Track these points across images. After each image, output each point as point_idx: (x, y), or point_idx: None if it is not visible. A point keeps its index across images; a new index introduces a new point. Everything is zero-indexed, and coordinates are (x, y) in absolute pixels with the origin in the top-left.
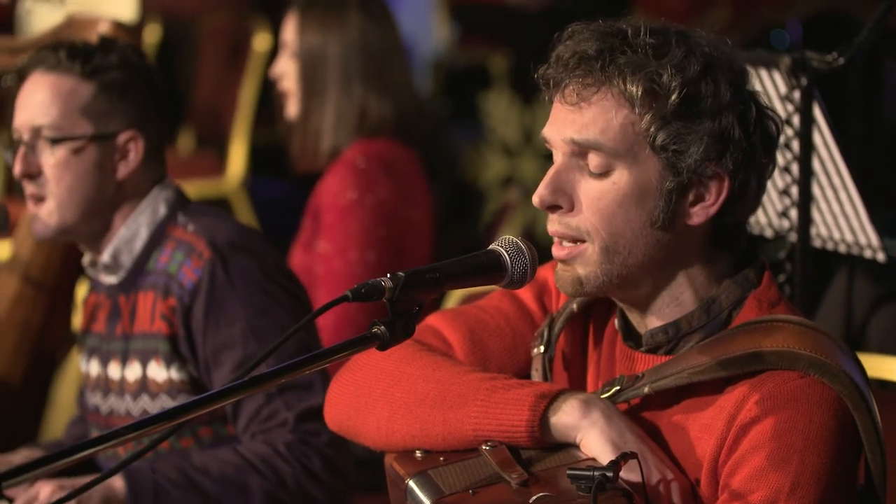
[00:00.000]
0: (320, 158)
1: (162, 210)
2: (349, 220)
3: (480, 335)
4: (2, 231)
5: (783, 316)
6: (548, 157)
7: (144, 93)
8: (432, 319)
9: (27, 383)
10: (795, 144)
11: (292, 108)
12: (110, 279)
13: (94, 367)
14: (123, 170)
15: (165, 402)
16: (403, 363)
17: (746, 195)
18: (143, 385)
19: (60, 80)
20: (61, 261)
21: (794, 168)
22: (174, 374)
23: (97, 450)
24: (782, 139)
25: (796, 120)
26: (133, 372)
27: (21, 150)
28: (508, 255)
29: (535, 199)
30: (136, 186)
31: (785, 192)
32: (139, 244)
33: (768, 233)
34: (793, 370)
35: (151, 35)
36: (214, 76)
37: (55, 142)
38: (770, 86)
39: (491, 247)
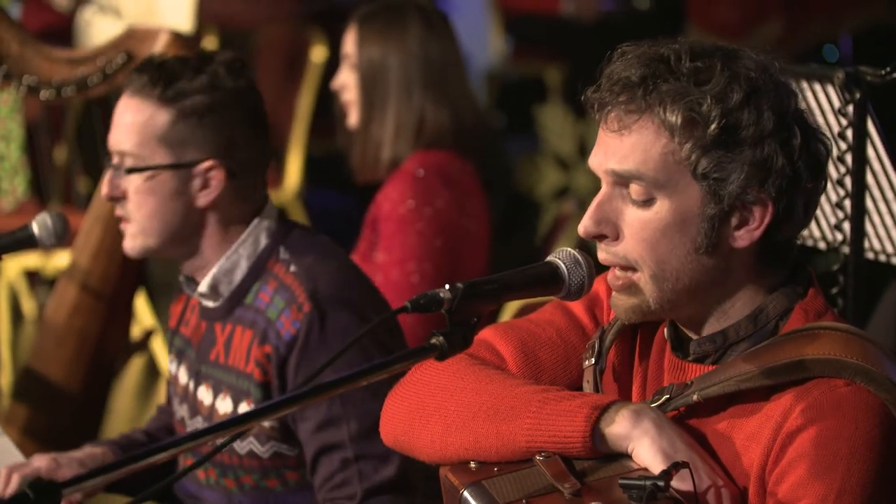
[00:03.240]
0: (380, 169)
1: (263, 241)
2: (407, 231)
3: (532, 348)
4: (61, 241)
5: (829, 323)
6: None
7: (230, 118)
8: (485, 333)
9: (86, 392)
10: (849, 158)
11: (353, 119)
12: (207, 303)
13: (182, 375)
14: (204, 199)
15: (254, 446)
16: (456, 377)
17: (792, 217)
18: None
19: (141, 105)
20: (120, 271)
21: (848, 181)
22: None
23: (156, 459)
24: (836, 153)
25: (850, 134)
26: (224, 405)
27: (109, 173)
28: (566, 267)
29: (581, 230)
30: (228, 216)
31: (838, 206)
32: (239, 276)
33: (821, 245)
34: (839, 378)
35: (208, 46)
36: (271, 87)
37: (133, 171)
38: (824, 100)
39: (548, 258)
